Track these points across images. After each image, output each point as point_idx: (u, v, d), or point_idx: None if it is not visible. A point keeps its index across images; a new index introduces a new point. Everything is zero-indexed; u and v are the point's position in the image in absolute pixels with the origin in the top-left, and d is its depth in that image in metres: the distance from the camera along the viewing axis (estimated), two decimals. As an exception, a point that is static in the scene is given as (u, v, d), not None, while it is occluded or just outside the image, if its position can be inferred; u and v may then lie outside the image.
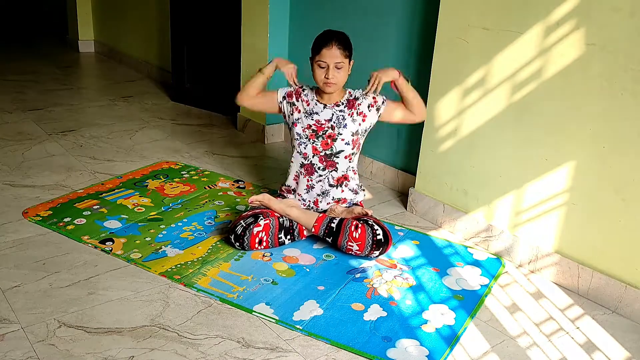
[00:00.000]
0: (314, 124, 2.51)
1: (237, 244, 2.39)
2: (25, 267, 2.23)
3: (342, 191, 2.57)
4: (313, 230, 2.44)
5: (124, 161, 3.34)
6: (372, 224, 2.39)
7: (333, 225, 2.40)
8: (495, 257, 2.54)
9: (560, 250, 2.35)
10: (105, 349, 1.82)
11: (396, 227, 2.73)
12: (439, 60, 2.65)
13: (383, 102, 2.53)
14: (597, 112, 2.13)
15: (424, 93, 2.81)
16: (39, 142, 3.55)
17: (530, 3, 2.25)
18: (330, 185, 2.56)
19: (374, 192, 3.15)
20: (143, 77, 5.37)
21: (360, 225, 2.38)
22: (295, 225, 2.46)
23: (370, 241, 2.36)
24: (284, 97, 2.58)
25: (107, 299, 2.07)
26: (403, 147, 3.13)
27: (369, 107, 2.52)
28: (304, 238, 2.50)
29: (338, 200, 2.58)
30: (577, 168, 2.23)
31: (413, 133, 3.03)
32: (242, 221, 2.41)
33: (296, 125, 2.54)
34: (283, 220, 2.44)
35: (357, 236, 2.36)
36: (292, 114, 2.56)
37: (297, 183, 2.60)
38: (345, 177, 2.56)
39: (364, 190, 2.69)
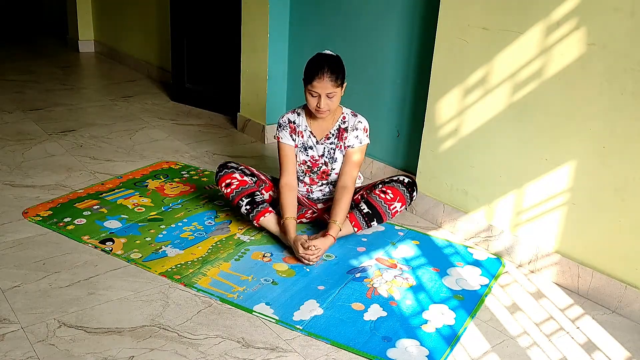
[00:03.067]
0: (309, 160, 2.55)
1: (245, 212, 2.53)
2: (25, 267, 2.23)
3: None
4: (356, 231, 2.51)
5: (124, 161, 3.34)
6: (389, 179, 2.56)
7: (366, 210, 2.50)
8: (495, 257, 2.54)
9: (560, 250, 2.35)
10: (105, 349, 1.82)
11: (396, 227, 2.73)
12: (439, 60, 2.65)
13: (348, 147, 2.51)
14: (597, 112, 2.13)
15: (424, 93, 2.82)
16: (39, 142, 3.55)
17: (530, 3, 2.25)
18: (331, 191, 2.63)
19: (374, 192, 3.14)
20: (143, 77, 5.36)
21: (383, 187, 2.51)
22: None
23: (404, 188, 2.51)
24: (292, 138, 2.53)
25: (107, 299, 2.07)
26: (403, 147, 3.13)
27: (351, 140, 2.52)
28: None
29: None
30: (577, 168, 2.23)
31: (413, 133, 3.03)
32: (245, 206, 2.52)
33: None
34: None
35: (391, 196, 2.47)
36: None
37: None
38: None
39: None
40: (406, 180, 2.54)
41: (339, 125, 2.53)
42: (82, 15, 6.17)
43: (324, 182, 2.60)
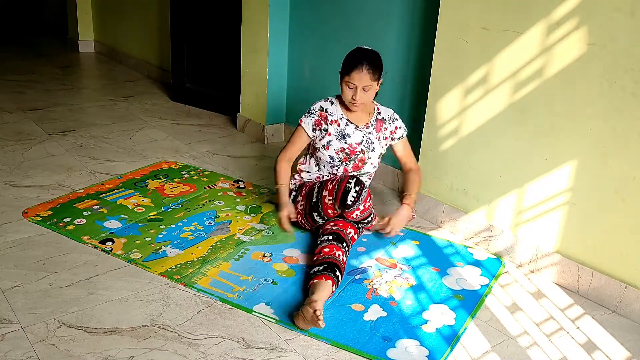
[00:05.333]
0: (347, 147, 2.49)
1: None
2: (25, 267, 2.23)
3: None
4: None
5: (124, 161, 3.34)
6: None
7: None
8: (495, 257, 2.54)
9: (560, 250, 2.35)
10: (105, 349, 1.82)
11: (396, 227, 2.73)
12: (439, 60, 2.65)
13: (399, 138, 2.62)
14: (597, 112, 2.13)
15: (424, 93, 2.82)
16: (39, 142, 3.55)
17: (530, 3, 2.25)
18: None
19: (374, 192, 3.14)
20: (143, 77, 5.36)
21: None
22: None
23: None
24: (314, 129, 2.50)
25: (107, 299, 2.07)
26: (403, 147, 3.13)
27: (390, 133, 2.59)
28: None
29: None
30: (577, 168, 2.23)
31: (413, 133, 3.03)
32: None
33: (328, 149, 2.49)
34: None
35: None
36: (323, 138, 2.50)
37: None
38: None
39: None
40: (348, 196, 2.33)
41: (376, 117, 2.56)
42: (82, 15, 6.17)
43: (356, 172, 2.54)
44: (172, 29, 4.46)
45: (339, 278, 2.15)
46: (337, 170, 2.53)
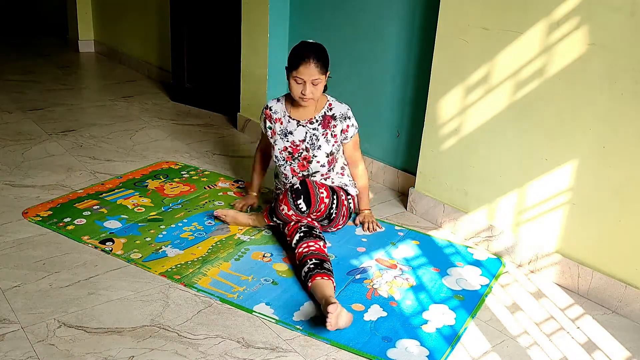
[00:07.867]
0: (290, 146, 2.52)
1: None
2: (25, 267, 2.23)
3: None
4: (266, 221, 2.50)
5: (124, 161, 3.34)
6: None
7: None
8: (495, 257, 2.54)
9: (561, 250, 2.35)
10: (105, 349, 1.82)
11: (396, 227, 2.73)
12: (439, 60, 2.65)
13: (351, 137, 2.55)
14: (597, 112, 2.13)
15: (424, 93, 2.82)
16: (39, 142, 3.55)
17: (530, 3, 2.25)
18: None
19: (374, 192, 3.14)
20: (143, 77, 5.37)
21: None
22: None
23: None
24: (264, 127, 2.61)
25: (107, 299, 2.07)
26: (403, 147, 3.13)
27: (341, 132, 2.52)
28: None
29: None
30: (577, 168, 2.23)
31: (413, 133, 3.03)
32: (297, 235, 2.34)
33: (274, 148, 2.56)
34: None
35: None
36: (271, 137, 2.59)
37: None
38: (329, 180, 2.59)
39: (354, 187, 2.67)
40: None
41: (325, 113, 2.50)
42: (82, 15, 6.17)
43: (304, 172, 2.53)
44: (172, 29, 4.46)
45: (331, 270, 2.19)
46: (284, 169, 2.55)
